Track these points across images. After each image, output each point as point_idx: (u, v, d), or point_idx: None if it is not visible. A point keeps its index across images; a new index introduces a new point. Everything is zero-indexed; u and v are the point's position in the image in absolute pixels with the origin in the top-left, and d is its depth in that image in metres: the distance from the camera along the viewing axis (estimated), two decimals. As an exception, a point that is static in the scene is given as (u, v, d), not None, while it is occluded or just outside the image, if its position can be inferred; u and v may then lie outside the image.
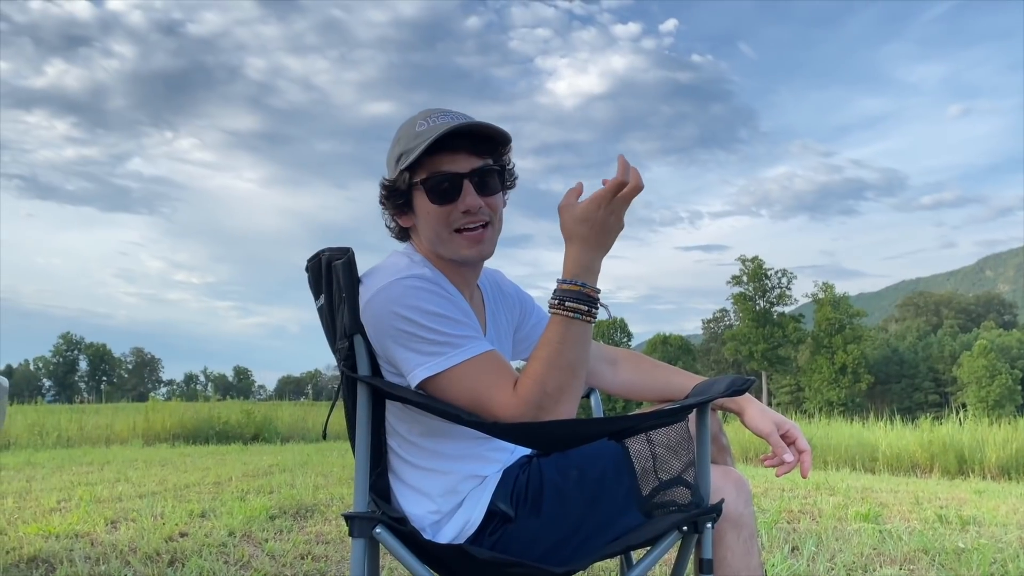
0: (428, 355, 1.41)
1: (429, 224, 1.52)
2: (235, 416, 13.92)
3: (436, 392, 1.43)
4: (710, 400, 1.42)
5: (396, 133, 1.56)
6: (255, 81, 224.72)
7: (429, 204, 1.50)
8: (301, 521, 4.39)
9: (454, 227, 1.50)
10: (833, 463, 10.73)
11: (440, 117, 1.50)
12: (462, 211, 1.49)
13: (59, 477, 6.64)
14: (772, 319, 65.79)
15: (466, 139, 1.49)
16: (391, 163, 1.54)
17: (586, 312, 1.40)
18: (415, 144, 1.48)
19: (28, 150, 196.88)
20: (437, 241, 1.53)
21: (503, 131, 1.51)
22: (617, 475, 1.48)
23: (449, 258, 1.54)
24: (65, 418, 13.62)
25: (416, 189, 1.51)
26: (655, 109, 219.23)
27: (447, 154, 1.48)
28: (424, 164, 1.48)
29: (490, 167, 1.52)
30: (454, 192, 1.49)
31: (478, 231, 1.51)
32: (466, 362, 1.41)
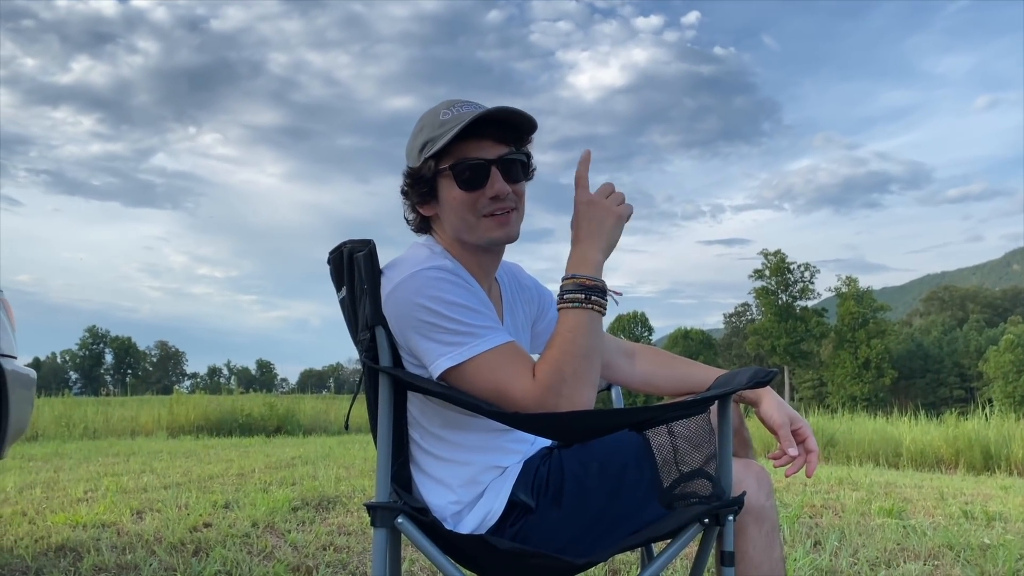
0: (449, 345, 1.42)
1: (455, 211, 1.52)
2: (258, 409, 14.02)
3: (457, 382, 1.43)
4: (732, 392, 1.41)
5: (417, 123, 1.57)
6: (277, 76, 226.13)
7: (456, 190, 1.51)
8: (323, 512, 4.42)
9: (481, 213, 1.52)
10: (856, 458, 10.64)
11: (463, 107, 1.52)
12: (490, 197, 1.51)
13: (86, 468, 6.74)
14: (795, 313, 65.29)
15: (492, 126, 1.51)
16: (414, 152, 1.54)
17: (584, 300, 1.43)
18: (441, 132, 1.49)
19: (55, 146, 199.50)
20: (463, 227, 1.53)
21: (531, 117, 1.51)
22: (638, 467, 1.48)
23: (474, 243, 1.55)
24: (91, 410, 13.79)
25: (442, 176, 1.52)
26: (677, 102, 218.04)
27: (474, 141, 1.50)
28: (451, 151, 1.50)
29: (516, 155, 1.54)
30: (482, 178, 1.50)
31: (504, 214, 1.53)
32: (487, 352, 1.41)
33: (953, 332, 79.19)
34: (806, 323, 65.02)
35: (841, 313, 65.04)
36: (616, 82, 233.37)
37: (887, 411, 14.58)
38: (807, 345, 65.90)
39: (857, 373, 62.76)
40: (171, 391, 19.82)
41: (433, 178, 1.53)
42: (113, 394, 56.89)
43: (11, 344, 3.24)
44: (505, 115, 1.49)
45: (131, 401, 18.96)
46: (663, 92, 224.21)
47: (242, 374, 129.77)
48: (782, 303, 65.71)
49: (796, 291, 66.21)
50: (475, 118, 1.45)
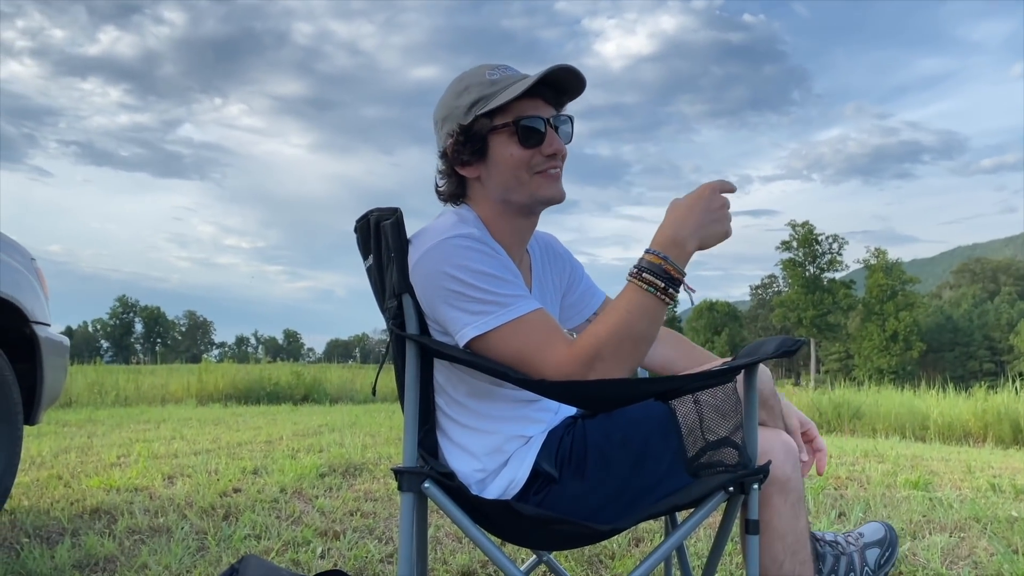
0: (476, 314, 1.42)
1: (509, 168, 1.53)
2: (285, 378, 14.19)
3: (484, 351, 1.43)
4: (759, 361, 1.40)
5: (457, 84, 1.56)
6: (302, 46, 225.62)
7: (514, 147, 1.52)
8: (350, 479, 4.48)
9: (535, 171, 1.53)
10: (882, 431, 10.58)
11: (506, 69, 1.55)
12: (547, 155, 1.52)
13: (118, 434, 6.87)
14: (822, 285, 64.68)
15: (545, 87, 1.53)
16: (460, 111, 1.53)
17: (661, 289, 1.38)
18: (494, 90, 1.50)
19: (83, 116, 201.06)
20: (514, 185, 1.54)
21: (585, 80, 1.54)
22: (663, 437, 1.48)
23: (520, 204, 1.55)
24: (122, 378, 14.03)
25: (497, 133, 1.52)
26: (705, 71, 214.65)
27: (528, 100, 1.52)
28: (508, 109, 1.51)
29: (565, 115, 1.58)
30: (540, 136, 1.52)
31: (557, 171, 1.55)
32: (514, 321, 1.41)
33: (984, 305, 78.11)
34: (833, 295, 64.40)
35: (869, 285, 64.31)
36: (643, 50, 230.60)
37: (915, 384, 14.44)
38: (834, 317, 65.33)
39: (884, 346, 62.17)
40: (200, 360, 20.10)
41: (486, 136, 1.53)
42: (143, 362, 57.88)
43: (45, 312, 3.30)
44: (564, 76, 1.51)
45: (161, 369, 19.26)
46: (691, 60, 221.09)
47: (269, 343, 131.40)
48: (809, 275, 65.10)
49: (824, 263, 65.54)
50: (540, 77, 1.47)
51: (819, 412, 11.55)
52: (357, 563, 2.71)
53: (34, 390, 3.24)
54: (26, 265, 3.26)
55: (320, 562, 2.73)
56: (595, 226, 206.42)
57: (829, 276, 65.61)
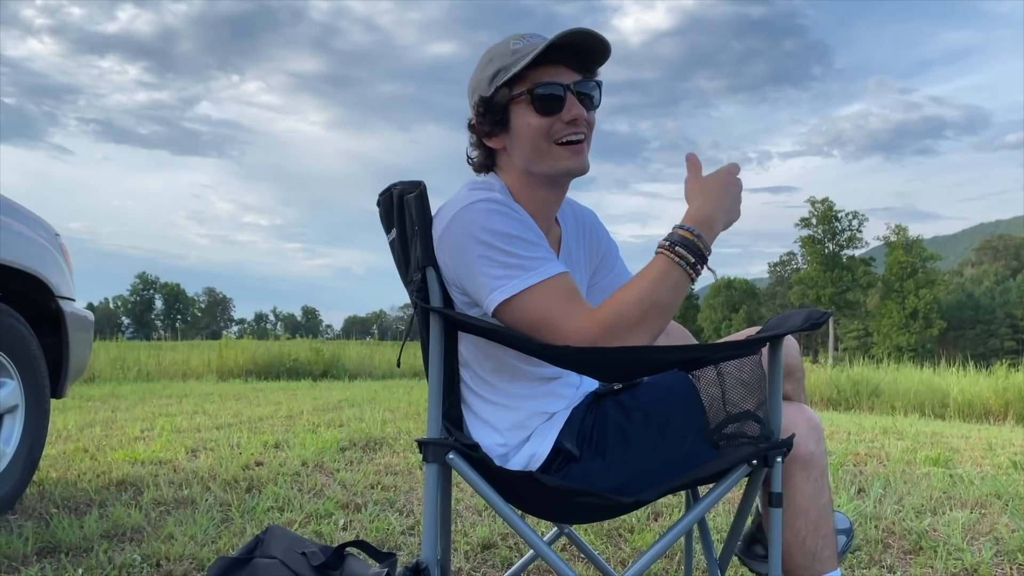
0: (501, 279, 1.40)
1: (529, 137, 1.51)
2: (304, 354, 14.29)
3: (508, 316, 1.42)
4: (784, 334, 1.40)
5: (484, 57, 1.55)
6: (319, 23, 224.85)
7: (532, 116, 1.49)
8: (370, 453, 4.53)
9: (554, 139, 1.50)
10: (901, 408, 10.53)
11: (532, 37, 1.50)
12: (566, 121, 1.49)
13: (141, 408, 6.96)
14: (841, 262, 64.15)
15: (567, 53, 1.49)
16: (483, 82, 1.52)
17: (691, 264, 1.38)
18: (514, 60, 1.47)
19: (102, 95, 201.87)
20: (535, 156, 1.52)
21: (606, 42, 1.49)
22: (685, 412, 1.48)
23: (544, 174, 1.53)
24: (144, 354, 14.19)
25: (516, 102, 1.50)
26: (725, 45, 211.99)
27: (549, 66, 1.48)
28: (526, 78, 1.48)
29: (590, 82, 1.53)
30: (558, 103, 1.48)
31: (579, 141, 1.51)
32: (539, 285, 1.40)
33: (1006, 282, 77.23)
34: (853, 272, 63.89)
35: (889, 262, 63.70)
36: (662, 25, 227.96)
37: (934, 362, 14.33)
38: (853, 295, 64.85)
39: (904, 323, 61.67)
40: (220, 336, 20.30)
41: (506, 106, 1.51)
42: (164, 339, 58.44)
43: (69, 287, 3.34)
44: (581, 39, 1.47)
45: (181, 345, 19.45)
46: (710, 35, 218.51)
47: (288, 320, 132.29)
48: (829, 252, 64.56)
49: (843, 240, 64.96)
50: (551, 42, 1.44)
51: (837, 389, 11.51)
52: (379, 535, 2.75)
53: (60, 364, 3.28)
54: (51, 240, 3.30)
55: (342, 534, 2.76)
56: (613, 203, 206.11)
57: (848, 253, 65.08)
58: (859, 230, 65.02)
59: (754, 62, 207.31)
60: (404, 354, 1.81)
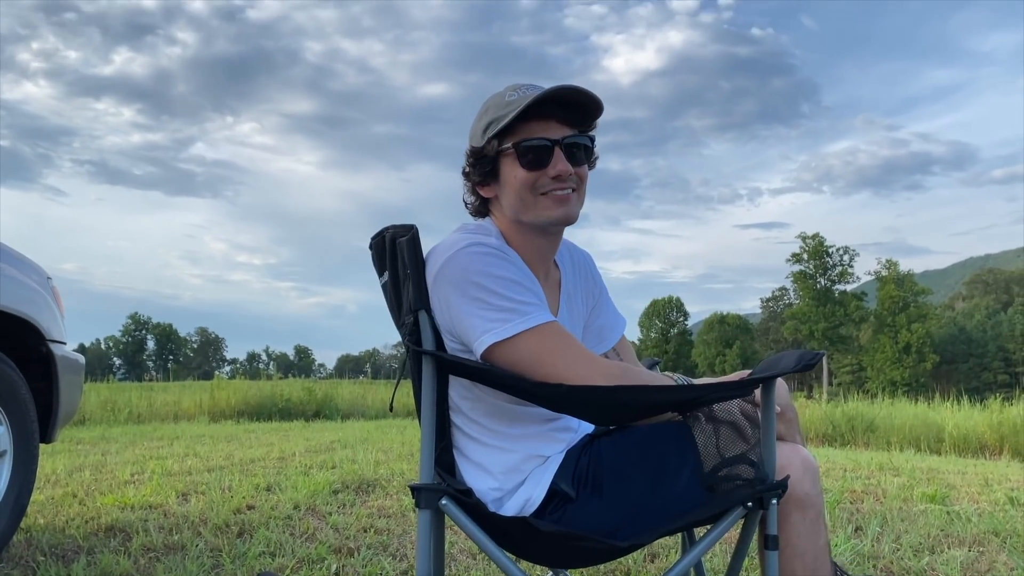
0: (494, 322, 1.41)
1: (515, 190, 1.53)
2: (297, 394, 14.20)
3: (500, 359, 1.42)
4: (777, 375, 1.40)
5: (482, 106, 1.58)
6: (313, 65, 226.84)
7: (518, 169, 1.51)
8: (363, 495, 4.48)
9: (541, 192, 1.52)
10: (897, 444, 10.49)
11: (528, 88, 1.52)
12: (551, 176, 1.51)
13: (132, 451, 6.88)
14: (833, 297, 64.40)
15: (558, 107, 1.51)
16: (477, 133, 1.55)
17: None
18: (506, 112, 1.49)
19: (97, 136, 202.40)
20: (521, 207, 1.53)
21: (597, 98, 1.50)
22: (680, 453, 1.48)
23: (532, 224, 1.55)
24: (135, 395, 14.07)
25: (505, 155, 1.52)
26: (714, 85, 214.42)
27: (539, 121, 1.50)
28: (515, 131, 1.50)
29: (580, 137, 1.54)
30: (545, 158, 1.50)
31: (565, 193, 1.53)
32: (532, 329, 1.41)
33: (997, 316, 77.46)
34: (845, 307, 64.09)
35: (881, 297, 63.96)
36: (651, 65, 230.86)
37: (928, 396, 14.33)
38: (846, 329, 65.00)
39: (897, 358, 61.73)
40: (212, 376, 20.15)
41: (496, 157, 1.53)
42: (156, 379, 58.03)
43: (61, 330, 3.32)
44: (569, 95, 1.49)
45: (173, 386, 19.32)
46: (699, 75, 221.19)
47: (281, 359, 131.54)
48: (820, 287, 64.85)
49: (835, 275, 65.31)
50: (539, 97, 1.46)
51: (833, 425, 11.48)
52: (372, 580, 2.71)
53: (50, 408, 3.25)
54: (42, 284, 3.29)
55: (335, 579, 2.72)
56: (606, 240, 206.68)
57: (840, 288, 65.35)
58: (850, 265, 65.43)
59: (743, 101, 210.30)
60: (397, 393, 1.81)
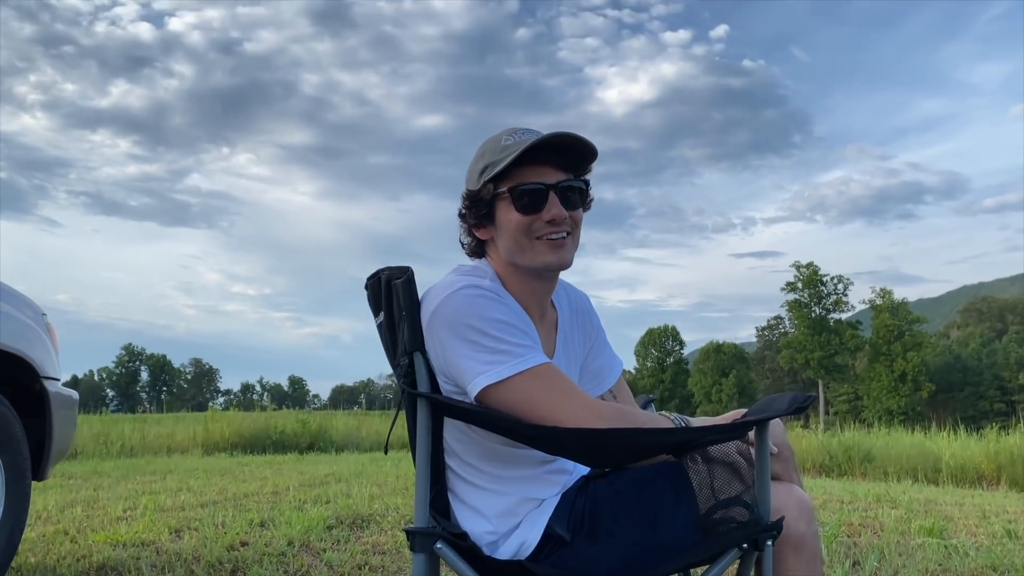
0: (488, 364, 1.42)
1: (510, 234, 1.54)
2: (291, 426, 14.13)
3: (495, 402, 1.43)
4: (771, 418, 1.41)
5: (479, 149, 1.60)
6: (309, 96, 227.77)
7: (513, 213, 1.53)
8: (358, 531, 4.44)
9: (536, 236, 1.53)
10: (894, 474, 10.45)
11: (524, 133, 1.54)
12: (546, 220, 1.52)
13: (124, 486, 6.83)
14: (828, 326, 64.43)
15: (553, 153, 1.53)
16: (474, 176, 1.57)
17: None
18: (502, 156, 1.51)
19: (93, 168, 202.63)
20: (516, 250, 1.55)
21: (591, 144, 1.53)
22: (675, 495, 1.48)
23: (527, 267, 1.56)
24: (128, 427, 13.98)
25: (500, 199, 1.54)
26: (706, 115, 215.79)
27: (534, 166, 1.52)
28: (510, 175, 1.52)
29: (575, 181, 1.56)
30: (539, 202, 1.52)
31: (560, 239, 1.54)
32: (527, 372, 1.42)
33: (992, 344, 77.55)
34: (840, 336, 64.11)
35: (876, 326, 64.02)
36: (645, 96, 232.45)
37: (925, 425, 14.32)
38: (841, 358, 64.95)
39: (893, 387, 61.66)
40: (205, 408, 20.07)
41: (491, 201, 1.55)
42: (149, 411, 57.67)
43: (55, 367, 3.31)
44: (564, 141, 1.51)
45: (167, 418, 19.20)
46: (692, 106, 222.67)
47: (275, 390, 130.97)
48: (815, 316, 64.89)
49: (829, 304, 65.37)
50: (534, 143, 1.48)
51: (829, 455, 11.44)
52: (366, 620, 2.68)
53: (43, 445, 3.23)
54: (37, 320, 3.29)
55: (329, 619, 2.69)
56: (601, 268, 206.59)
57: (835, 317, 65.39)
58: (845, 294, 65.58)
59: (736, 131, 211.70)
60: (391, 423, 1.80)
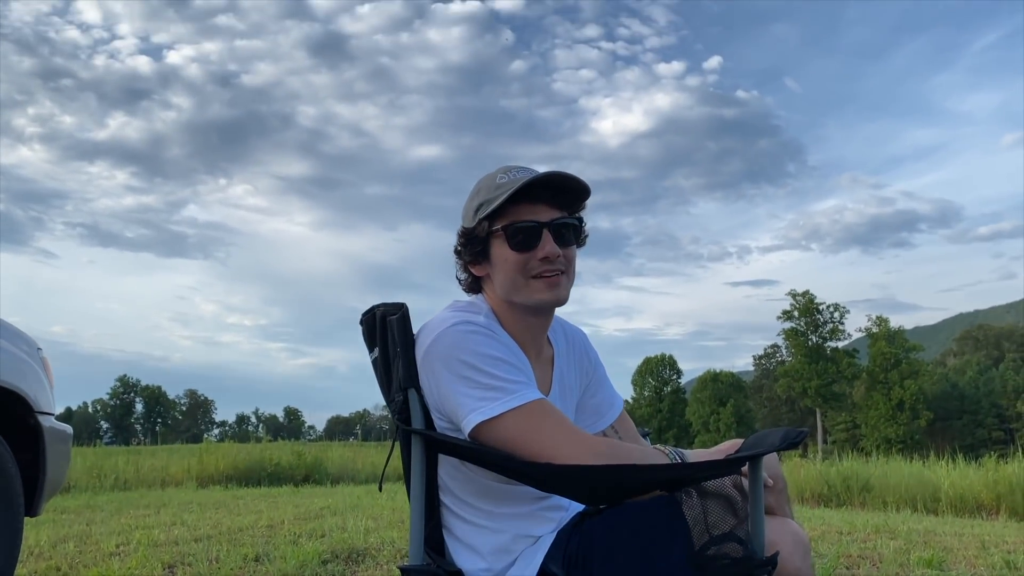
0: (481, 400, 1.42)
1: (505, 271, 1.55)
2: (286, 457, 14.03)
3: (488, 438, 1.43)
4: (763, 454, 1.41)
5: (475, 187, 1.62)
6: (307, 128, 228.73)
7: (508, 251, 1.54)
8: (353, 566, 4.40)
9: (531, 274, 1.54)
10: (893, 504, 10.40)
11: (519, 171, 1.56)
12: (540, 258, 1.54)
13: (117, 520, 6.77)
14: (825, 354, 64.34)
15: (547, 191, 1.55)
16: (469, 213, 1.59)
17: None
18: (497, 194, 1.53)
19: (90, 199, 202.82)
20: (512, 288, 1.56)
21: (584, 183, 1.55)
22: (670, 531, 1.47)
23: (523, 304, 1.57)
24: (122, 460, 13.87)
25: (495, 236, 1.56)
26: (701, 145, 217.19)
27: (528, 204, 1.54)
28: (505, 213, 1.54)
29: (569, 219, 1.58)
30: (533, 240, 1.53)
31: (555, 276, 1.55)
32: (518, 409, 1.42)
33: (989, 372, 77.38)
34: (837, 364, 64.01)
35: (873, 354, 63.94)
36: (639, 127, 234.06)
37: (923, 454, 14.27)
38: (839, 387, 64.78)
39: (891, 415, 61.45)
40: (200, 439, 19.95)
41: (486, 238, 1.57)
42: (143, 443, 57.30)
43: (49, 401, 3.30)
44: (558, 180, 1.53)
45: (161, 451, 19.08)
46: (686, 136, 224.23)
47: (270, 422, 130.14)
48: (812, 344, 64.82)
49: (826, 332, 65.33)
50: (528, 182, 1.50)
51: (828, 485, 11.38)
52: (361, 657, 2.65)
53: (36, 480, 3.21)
54: (32, 355, 3.28)
55: (323, 657, 2.66)
56: (597, 297, 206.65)
57: (832, 345, 65.30)
58: (841, 322, 65.55)
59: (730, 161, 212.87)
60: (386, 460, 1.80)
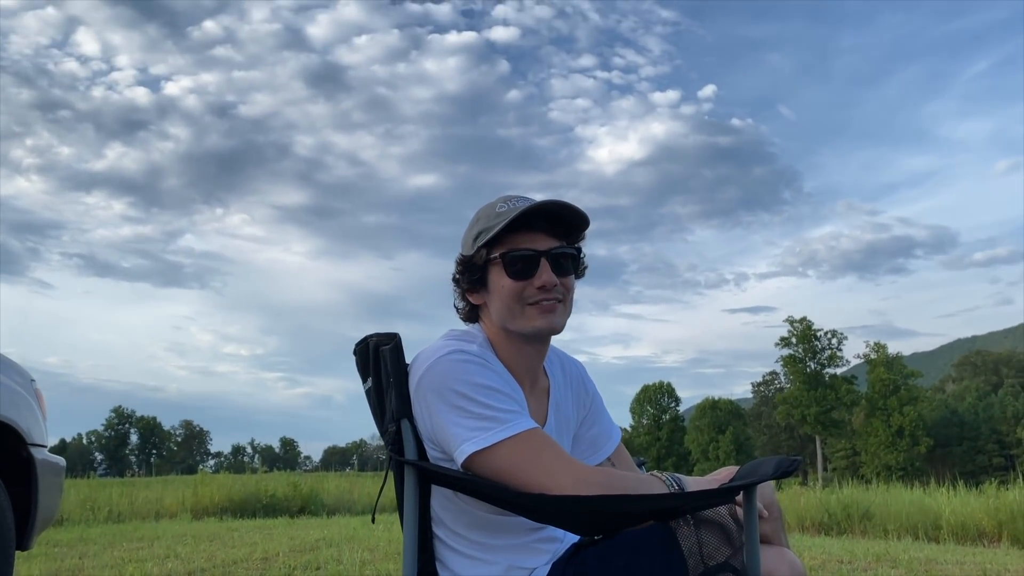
0: (474, 430, 1.42)
1: (502, 299, 1.56)
2: (282, 489, 13.91)
3: (481, 469, 1.42)
4: (758, 483, 1.40)
5: (475, 215, 1.63)
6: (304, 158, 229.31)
7: (505, 279, 1.54)
8: (348, 599, 4.35)
9: (527, 302, 1.55)
10: (894, 532, 10.32)
11: (519, 200, 1.57)
12: (537, 287, 1.54)
13: (110, 554, 6.69)
14: (824, 381, 64.17)
15: (546, 220, 1.55)
16: (468, 241, 1.59)
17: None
18: (495, 223, 1.54)
19: (87, 229, 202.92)
20: (508, 315, 1.56)
21: (582, 213, 1.55)
22: (666, 565, 1.46)
23: (519, 332, 1.57)
24: (116, 492, 13.74)
25: (493, 264, 1.56)
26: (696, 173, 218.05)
27: (527, 233, 1.54)
28: (503, 241, 1.54)
29: (567, 249, 1.58)
30: (531, 268, 1.54)
31: (551, 304, 1.55)
32: (511, 439, 1.41)
33: (988, 398, 77.19)
34: (836, 391, 63.82)
35: (871, 380, 63.80)
36: (635, 155, 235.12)
37: (924, 481, 14.20)
38: (838, 413, 64.53)
39: (891, 442, 61.17)
40: (195, 470, 19.76)
41: (484, 266, 1.57)
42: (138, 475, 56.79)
43: (42, 434, 3.28)
44: (557, 209, 1.54)
45: (155, 482, 18.91)
46: (682, 163, 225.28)
47: (266, 452, 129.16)
48: (810, 371, 64.68)
49: (824, 358, 65.21)
50: (526, 210, 1.51)
51: (828, 513, 11.30)
52: None
53: (28, 513, 3.18)
54: (25, 386, 3.27)
55: None
56: (595, 325, 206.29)
57: (830, 372, 65.16)
58: (839, 348, 65.45)
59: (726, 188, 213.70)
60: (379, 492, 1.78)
